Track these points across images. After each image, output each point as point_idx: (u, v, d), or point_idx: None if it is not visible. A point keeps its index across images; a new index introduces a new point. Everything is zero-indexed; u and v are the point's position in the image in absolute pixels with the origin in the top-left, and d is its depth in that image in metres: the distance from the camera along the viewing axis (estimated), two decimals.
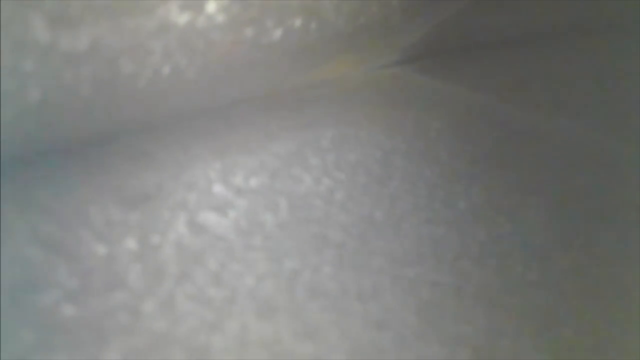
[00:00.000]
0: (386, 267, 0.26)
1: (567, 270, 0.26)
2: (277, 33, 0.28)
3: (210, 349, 0.20)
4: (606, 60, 0.43)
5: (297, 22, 0.29)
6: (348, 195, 0.28)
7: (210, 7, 0.24)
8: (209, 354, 0.20)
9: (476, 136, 0.36)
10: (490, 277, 0.26)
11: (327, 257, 0.25)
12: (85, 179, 0.23)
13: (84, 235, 0.21)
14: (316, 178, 0.29)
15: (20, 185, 0.22)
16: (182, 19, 0.23)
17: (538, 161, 0.34)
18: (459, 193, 0.31)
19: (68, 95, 0.22)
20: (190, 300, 0.21)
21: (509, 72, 0.41)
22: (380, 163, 0.31)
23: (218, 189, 0.25)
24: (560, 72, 0.41)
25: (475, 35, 0.41)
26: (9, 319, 0.18)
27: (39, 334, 0.19)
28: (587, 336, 0.23)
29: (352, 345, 0.22)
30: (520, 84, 0.41)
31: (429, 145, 0.34)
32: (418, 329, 0.23)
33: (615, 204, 0.31)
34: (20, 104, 0.21)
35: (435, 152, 0.33)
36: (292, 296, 0.23)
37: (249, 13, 0.26)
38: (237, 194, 0.26)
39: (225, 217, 0.24)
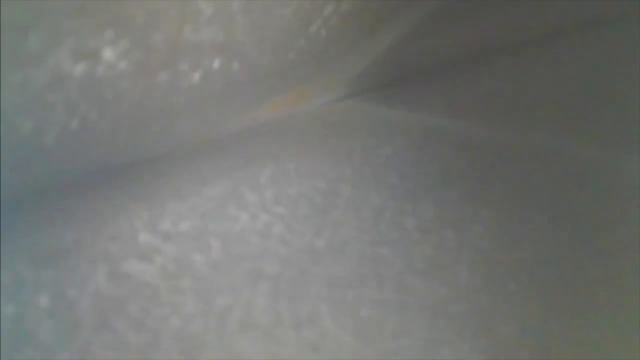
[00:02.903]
0: (324, 293, 0.25)
1: (512, 273, 0.25)
2: (195, 76, 0.28)
3: None
4: (558, 71, 0.42)
5: (216, 64, 0.29)
6: (287, 228, 0.28)
7: (108, 55, 0.23)
8: None
9: (427, 157, 0.35)
10: (435, 288, 0.25)
11: (262, 290, 0.24)
12: None
13: None
14: (253, 215, 0.28)
15: None
16: (77, 69, 0.23)
17: (488, 175, 0.34)
18: (407, 212, 0.30)
19: None
20: (108, 349, 0.20)
21: (455, 92, 0.41)
22: (323, 193, 0.31)
23: (144, 237, 0.25)
24: (506, 88, 0.41)
25: (418, 60, 0.41)
26: None
27: None
28: (528, 338, 0.22)
29: None
30: (468, 103, 0.40)
31: (377, 171, 0.33)
32: (356, 348, 0.22)
33: (565, 208, 0.31)
34: None
35: (384, 177, 0.33)
36: (222, 332, 0.22)
37: (156, 58, 0.26)
38: (165, 239, 0.25)
39: (151, 263, 0.24)
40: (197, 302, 0.23)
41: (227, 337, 0.22)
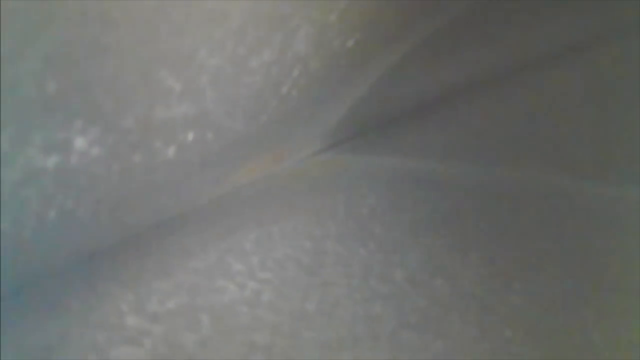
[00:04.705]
0: (318, 358, 0.25)
1: (506, 319, 0.25)
2: (170, 152, 0.28)
3: None
4: (541, 103, 0.43)
5: (190, 136, 0.29)
6: (276, 294, 0.28)
7: (80, 144, 0.23)
8: None
9: (411, 204, 0.35)
10: (430, 342, 0.25)
11: None
12: None
13: None
14: (240, 284, 0.28)
15: None
16: (49, 162, 0.23)
17: (475, 216, 0.34)
18: (396, 264, 0.30)
19: None
20: None
21: (433, 134, 0.41)
22: (310, 253, 0.31)
23: (131, 320, 0.25)
24: (484, 125, 0.41)
25: (392, 105, 0.41)
26: None
27: None
28: None
29: None
30: (447, 143, 0.41)
31: (362, 223, 0.33)
32: None
33: (554, 246, 0.31)
34: None
35: (370, 229, 0.33)
36: None
37: (129, 140, 0.26)
38: (153, 320, 0.25)
39: (141, 347, 0.24)
40: None
41: None
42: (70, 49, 0.20)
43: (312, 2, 0.30)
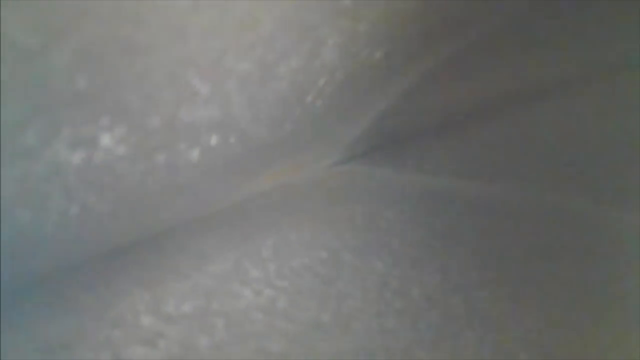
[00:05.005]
0: None
1: (521, 341, 0.25)
2: (193, 154, 0.28)
3: None
4: (557, 126, 0.42)
5: (214, 140, 0.29)
6: (292, 303, 0.28)
7: (105, 141, 0.24)
8: None
9: (429, 219, 0.35)
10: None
11: None
12: None
13: None
14: (257, 291, 0.28)
15: None
16: (75, 158, 0.23)
17: (492, 235, 0.34)
18: (412, 280, 0.30)
19: None
20: None
21: (454, 150, 0.41)
22: (327, 264, 0.30)
23: (147, 321, 0.25)
24: (503, 144, 0.41)
25: (414, 121, 0.41)
26: None
27: None
28: None
29: None
30: (467, 160, 0.40)
31: (380, 237, 0.33)
32: None
33: (570, 268, 0.30)
34: None
35: (387, 243, 0.33)
36: None
37: (154, 140, 0.26)
38: (168, 322, 0.25)
39: (155, 348, 0.24)
40: None
41: None
42: (101, 46, 0.20)
43: (342, 12, 0.30)
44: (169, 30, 0.23)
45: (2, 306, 0.23)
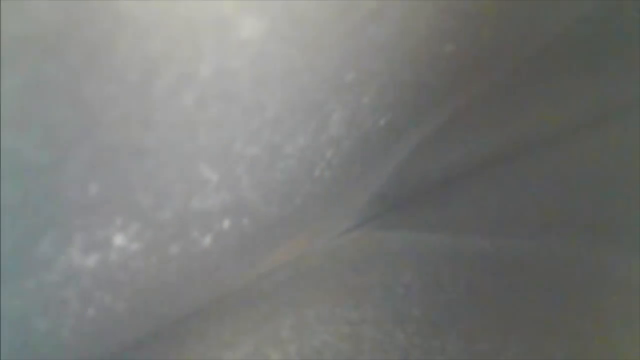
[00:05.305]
0: None
1: None
2: (206, 241, 0.28)
3: None
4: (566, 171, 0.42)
5: (226, 224, 0.29)
6: None
7: (119, 240, 0.23)
8: None
9: (447, 281, 0.35)
10: None
11: None
12: None
13: None
14: None
15: None
16: (89, 261, 0.23)
17: (514, 294, 0.33)
18: (436, 349, 0.30)
19: None
20: None
21: (469, 206, 0.41)
22: (347, 339, 0.30)
23: None
24: (516, 195, 0.41)
25: (425, 179, 0.41)
26: None
27: None
28: None
29: None
30: (482, 215, 0.40)
31: (399, 305, 0.33)
32: None
33: (601, 328, 0.30)
34: None
35: (407, 311, 0.32)
36: None
37: (167, 232, 0.26)
38: None
39: None
40: None
41: None
42: (112, 153, 0.20)
43: (346, 87, 0.30)
44: (176, 128, 0.23)
45: None
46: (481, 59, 0.37)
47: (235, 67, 0.22)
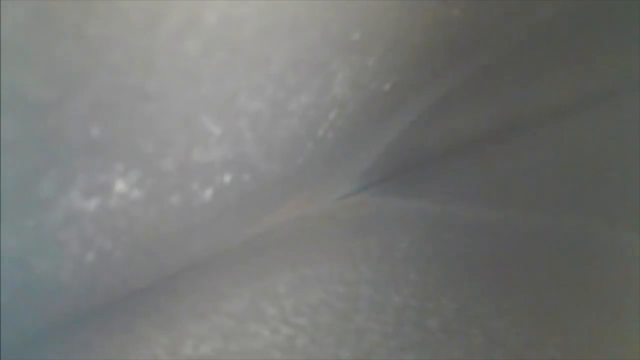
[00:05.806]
0: None
1: None
2: (207, 194, 0.28)
3: None
4: (570, 149, 0.42)
5: (227, 179, 0.29)
6: (310, 340, 0.27)
7: (120, 186, 0.24)
8: None
9: (445, 247, 0.35)
10: None
11: None
12: None
13: None
14: (274, 329, 0.28)
15: None
16: (90, 205, 0.23)
17: (510, 262, 0.33)
18: (431, 311, 0.30)
19: None
20: None
21: (467, 176, 0.41)
22: (344, 298, 0.30)
23: None
24: (518, 168, 0.41)
25: (426, 148, 0.41)
26: None
27: None
28: None
29: None
30: (482, 186, 0.40)
31: (397, 268, 0.33)
32: None
33: (589, 294, 0.30)
34: None
35: (404, 274, 0.32)
36: None
37: (168, 182, 0.26)
38: None
39: None
40: None
41: None
42: (114, 95, 0.20)
43: (351, 47, 0.30)
44: (180, 75, 0.23)
45: (20, 353, 0.23)
46: (487, 28, 0.37)
47: (241, 15, 0.22)
